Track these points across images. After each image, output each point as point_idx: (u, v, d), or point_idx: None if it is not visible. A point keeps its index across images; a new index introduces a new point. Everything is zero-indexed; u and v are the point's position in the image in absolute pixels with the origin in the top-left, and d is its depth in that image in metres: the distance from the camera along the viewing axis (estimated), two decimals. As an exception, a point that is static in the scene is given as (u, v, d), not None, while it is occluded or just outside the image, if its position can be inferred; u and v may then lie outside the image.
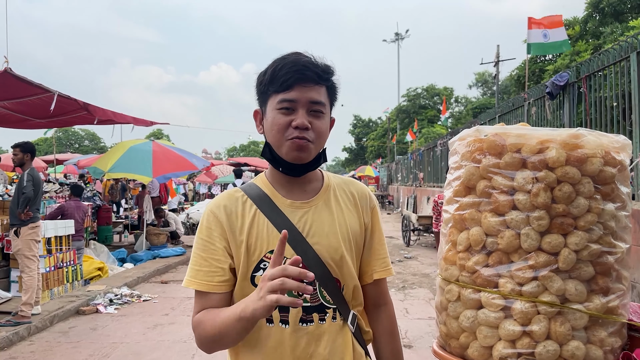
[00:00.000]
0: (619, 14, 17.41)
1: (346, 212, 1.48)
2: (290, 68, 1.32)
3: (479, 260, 1.20)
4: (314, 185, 1.48)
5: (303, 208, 1.42)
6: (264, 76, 1.38)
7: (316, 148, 1.38)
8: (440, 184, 16.67)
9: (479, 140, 1.25)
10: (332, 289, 1.40)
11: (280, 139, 1.35)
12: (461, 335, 1.22)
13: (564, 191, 1.13)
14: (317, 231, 1.40)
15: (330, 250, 1.40)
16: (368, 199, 1.55)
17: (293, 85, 1.32)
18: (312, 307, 1.38)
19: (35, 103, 6.91)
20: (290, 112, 1.33)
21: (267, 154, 1.42)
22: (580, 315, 1.12)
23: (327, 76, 1.38)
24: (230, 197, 1.44)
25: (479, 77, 55.74)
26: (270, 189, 1.44)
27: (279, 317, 1.37)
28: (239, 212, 1.40)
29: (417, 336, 5.65)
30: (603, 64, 6.61)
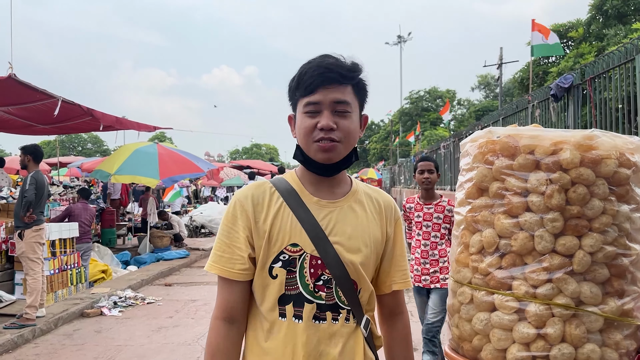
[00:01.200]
0: (623, 16, 17.37)
1: (370, 219, 1.49)
2: (313, 72, 1.36)
3: (492, 263, 1.19)
4: (342, 189, 1.50)
5: (328, 207, 1.44)
6: (292, 82, 1.42)
7: (345, 147, 1.40)
8: (443, 187, 16.64)
9: (491, 141, 1.25)
10: (349, 290, 1.40)
11: (308, 142, 1.38)
12: (474, 338, 1.21)
13: (579, 193, 1.13)
14: (340, 231, 1.41)
15: (351, 251, 1.40)
16: (393, 210, 1.57)
17: (316, 88, 1.35)
18: (326, 304, 1.39)
19: (40, 109, 6.92)
20: (315, 115, 1.36)
21: (299, 156, 1.45)
22: (596, 318, 1.11)
23: (352, 74, 1.39)
24: (259, 187, 1.46)
25: (481, 80, 55.71)
26: (298, 185, 1.46)
27: (292, 311, 1.37)
28: (266, 202, 1.43)
29: (420, 339, 5.62)
30: (608, 66, 6.59)
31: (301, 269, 1.38)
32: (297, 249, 1.38)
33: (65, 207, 9.02)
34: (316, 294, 1.38)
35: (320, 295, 1.38)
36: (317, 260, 1.38)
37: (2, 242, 7.04)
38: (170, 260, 10.77)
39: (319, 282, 1.38)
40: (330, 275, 1.38)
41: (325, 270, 1.38)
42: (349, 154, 1.44)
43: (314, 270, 1.38)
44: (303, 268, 1.38)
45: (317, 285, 1.38)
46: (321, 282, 1.38)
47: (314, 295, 1.38)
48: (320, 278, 1.38)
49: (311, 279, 1.38)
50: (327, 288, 1.39)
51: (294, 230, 1.38)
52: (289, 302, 1.38)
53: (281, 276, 1.37)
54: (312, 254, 1.38)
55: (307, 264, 1.38)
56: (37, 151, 6.19)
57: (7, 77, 5.65)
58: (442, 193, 5.18)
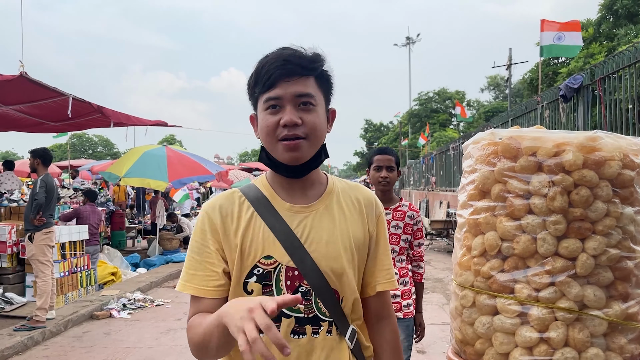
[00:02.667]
0: (633, 16, 17.23)
1: (349, 220, 1.39)
2: (271, 65, 1.26)
3: (495, 266, 1.18)
4: (317, 189, 1.40)
5: (303, 212, 1.35)
6: (250, 79, 1.33)
7: (312, 144, 1.30)
8: (453, 188, 16.58)
9: (493, 143, 1.23)
10: (330, 301, 1.32)
11: (272, 141, 1.29)
12: (477, 342, 1.20)
13: (582, 195, 1.11)
14: (316, 238, 1.32)
15: (330, 259, 1.32)
16: (374, 206, 1.47)
17: (276, 82, 1.25)
18: (305, 318, 1.31)
19: (51, 106, 6.99)
20: (277, 111, 1.27)
21: (265, 159, 1.36)
22: (599, 321, 1.10)
23: (314, 65, 1.30)
24: (228, 198, 1.38)
25: (490, 81, 55.45)
26: (269, 190, 1.37)
27: None
28: (235, 214, 1.34)
29: (431, 342, 5.60)
30: (618, 66, 6.54)
31: (277, 282, 1.30)
32: (271, 262, 1.30)
33: (73, 209, 9.08)
34: (294, 307, 1.30)
35: (299, 308, 1.30)
36: (293, 272, 1.30)
37: (13, 245, 7.10)
38: (180, 263, 10.79)
39: (296, 294, 1.28)
40: (308, 286, 1.30)
41: (302, 281, 1.30)
42: (318, 152, 1.34)
43: (291, 282, 1.30)
44: (279, 281, 1.30)
45: None
46: (299, 294, 1.25)
47: (291, 309, 1.30)
48: (298, 290, 1.30)
49: (288, 291, 1.30)
50: (306, 300, 1.30)
51: (267, 242, 1.30)
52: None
53: (257, 291, 1.29)
54: (288, 265, 1.30)
55: (282, 277, 1.30)
56: (45, 154, 6.24)
57: (18, 75, 5.71)
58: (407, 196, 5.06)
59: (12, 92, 6.40)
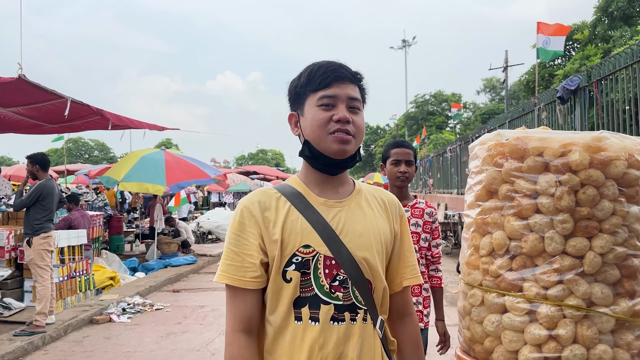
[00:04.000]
0: (628, 18, 17.33)
1: (378, 216, 1.48)
2: (327, 68, 1.38)
3: (503, 264, 1.20)
4: (347, 188, 1.50)
5: (336, 207, 1.43)
6: (298, 80, 1.43)
7: (356, 143, 1.41)
8: (451, 190, 16.61)
9: (500, 144, 1.25)
10: (364, 289, 1.39)
11: (322, 134, 1.37)
12: (485, 340, 1.22)
13: (588, 194, 1.13)
14: (350, 230, 1.40)
15: (364, 250, 1.39)
16: (397, 207, 1.56)
17: (331, 83, 1.37)
18: (344, 305, 1.36)
19: (49, 109, 7.00)
20: (330, 108, 1.37)
21: (306, 152, 1.44)
22: (607, 318, 1.12)
23: (360, 77, 1.45)
24: (264, 194, 1.45)
25: (487, 83, 55.61)
26: (303, 187, 1.45)
27: (309, 314, 1.35)
28: (273, 207, 1.41)
29: (431, 343, 5.59)
30: (614, 68, 6.58)
31: (315, 270, 1.36)
32: (309, 250, 1.36)
33: (62, 218, 8.96)
34: (333, 295, 1.36)
35: (338, 296, 1.36)
36: (331, 261, 1.37)
37: (11, 250, 7.08)
38: (178, 267, 10.78)
39: (334, 283, 1.36)
40: (345, 275, 1.37)
41: (340, 270, 1.37)
42: (355, 153, 1.44)
43: (329, 271, 1.36)
44: (317, 269, 1.36)
45: (333, 286, 1.36)
46: (337, 282, 1.36)
47: (330, 296, 1.36)
48: (336, 278, 1.37)
49: (326, 279, 1.36)
50: (344, 288, 1.37)
51: (305, 232, 1.37)
52: (305, 304, 1.35)
53: (295, 279, 1.35)
54: (326, 255, 1.36)
55: (321, 265, 1.36)
56: (44, 159, 6.24)
57: (17, 78, 5.71)
58: (421, 196, 5.03)
59: (11, 95, 6.41)
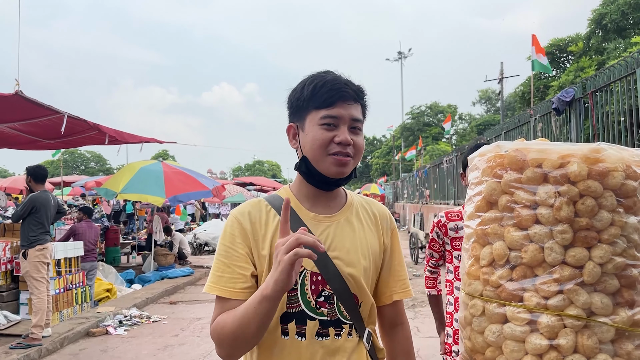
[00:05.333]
0: (622, 30, 17.51)
1: (367, 231, 1.50)
2: (332, 86, 1.36)
3: (503, 275, 1.21)
4: (338, 201, 1.50)
5: (325, 222, 1.44)
6: (301, 92, 1.40)
7: (354, 163, 1.42)
8: (447, 201, 16.64)
9: (499, 155, 1.27)
10: (350, 304, 1.40)
11: (321, 154, 1.37)
12: (487, 350, 1.22)
13: (587, 205, 1.14)
14: (338, 245, 1.41)
15: (350, 265, 1.41)
16: (388, 220, 1.58)
17: (336, 102, 1.36)
18: (328, 321, 1.38)
19: (46, 124, 6.98)
20: (332, 129, 1.36)
21: (303, 167, 1.43)
22: (607, 328, 1.12)
23: (363, 95, 1.44)
24: (255, 205, 1.45)
25: (482, 94, 55.94)
26: (294, 200, 1.45)
27: (295, 329, 1.36)
28: (263, 221, 1.41)
29: (429, 354, 5.59)
30: (609, 79, 6.64)
31: (302, 286, 1.37)
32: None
33: (69, 227, 9.01)
34: (318, 311, 1.38)
35: (322, 312, 1.38)
36: (317, 277, 1.38)
37: (7, 262, 7.05)
38: (175, 278, 10.76)
39: (320, 299, 1.38)
40: (331, 290, 1.38)
41: (326, 286, 1.38)
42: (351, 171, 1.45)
43: (315, 287, 1.38)
44: (304, 285, 1.37)
45: (318, 302, 1.38)
46: (322, 298, 1.38)
47: (315, 312, 1.38)
48: (322, 294, 1.38)
49: (312, 295, 1.38)
50: (329, 304, 1.39)
51: None
52: (291, 320, 1.37)
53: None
54: (312, 271, 1.37)
55: (307, 281, 1.37)
56: (36, 172, 6.19)
57: (13, 93, 5.71)
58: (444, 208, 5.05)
59: (7, 111, 6.38)
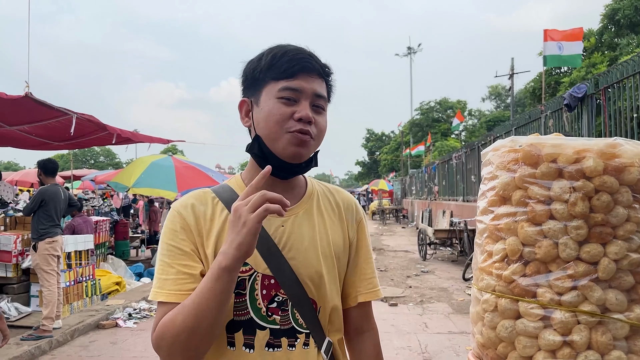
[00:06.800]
0: (635, 26, 17.33)
1: (329, 225, 1.32)
2: (293, 55, 1.20)
3: (516, 270, 1.20)
4: (297, 191, 1.33)
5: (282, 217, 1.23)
6: (258, 62, 1.23)
7: (315, 146, 1.26)
8: (456, 197, 16.59)
9: (513, 150, 1.26)
10: (307, 311, 1.24)
11: (278, 131, 1.19)
12: (499, 345, 1.22)
13: (603, 200, 1.13)
14: (295, 245, 1.24)
15: (309, 267, 1.24)
16: (354, 211, 1.40)
17: (297, 74, 1.19)
18: (280, 330, 1.22)
19: (55, 126, 6.96)
20: (292, 103, 1.19)
21: (256, 149, 1.24)
22: (622, 325, 1.12)
23: (328, 71, 1.27)
24: (199, 197, 1.26)
25: (492, 90, 55.66)
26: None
27: (242, 340, 1.20)
28: (208, 215, 1.23)
29: (438, 350, 5.59)
30: (622, 75, 6.58)
31: (252, 291, 1.20)
32: (246, 269, 1.20)
33: (66, 225, 8.97)
34: (269, 319, 1.21)
35: (274, 320, 1.21)
36: (269, 280, 1.21)
37: (18, 255, 7.12)
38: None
39: (272, 305, 1.21)
40: (285, 295, 1.22)
41: (279, 291, 1.21)
42: (310, 158, 1.27)
43: (267, 292, 1.21)
44: (254, 290, 1.20)
45: (270, 309, 1.21)
46: (275, 304, 1.21)
47: (266, 320, 1.21)
48: (274, 300, 1.21)
49: (263, 301, 1.21)
50: (282, 311, 1.22)
51: None
52: (238, 329, 1.20)
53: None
54: (264, 273, 1.21)
55: (258, 285, 1.20)
56: (46, 165, 6.26)
57: (23, 95, 5.73)
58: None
59: (17, 112, 6.37)
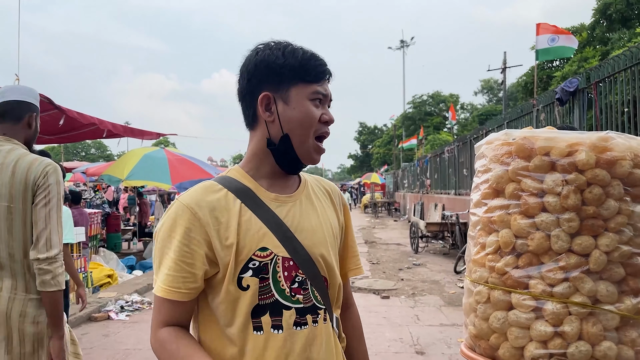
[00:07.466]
0: (627, 20, 17.41)
1: (327, 208, 1.44)
2: (318, 61, 1.29)
3: (509, 262, 1.21)
4: (294, 179, 1.42)
5: (288, 203, 1.33)
6: (284, 58, 1.26)
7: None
8: (448, 191, 16.65)
9: (507, 143, 1.27)
10: (322, 288, 1.33)
11: (308, 134, 1.28)
12: (491, 336, 1.23)
13: (594, 193, 1.15)
14: (305, 227, 1.32)
15: (319, 246, 1.33)
16: (340, 196, 1.53)
17: (323, 79, 1.30)
18: (305, 308, 1.28)
19: (45, 120, 6.88)
20: (318, 105, 1.30)
21: (281, 147, 1.29)
22: (612, 316, 1.13)
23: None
24: (209, 190, 1.28)
25: (484, 84, 55.80)
26: (251, 181, 1.32)
27: (270, 322, 1.24)
28: (223, 206, 1.25)
29: (429, 343, 5.63)
30: (613, 70, 6.61)
31: (274, 273, 1.25)
32: (267, 253, 1.25)
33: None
34: (293, 298, 1.27)
35: (298, 299, 1.27)
36: (289, 262, 1.27)
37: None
38: (176, 265, 10.77)
39: (294, 285, 1.27)
40: (304, 275, 1.29)
41: (298, 271, 1.28)
42: None
43: (288, 273, 1.26)
44: (276, 272, 1.25)
45: (293, 289, 1.27)
46: (296, 284, 1.27)
47: (291, 300, 1.26)
48: (295, 280, 1.28)
49: (286, 282, 1.26)
50: (304, 290, 1.29)
51: (260, 234, 1.24)
52: (265, 312, 1.24)
53: (253, 286, 1.23)
54: (283, 256, 1.26)
55: (280, 268, 1.26)
56: None
57: None
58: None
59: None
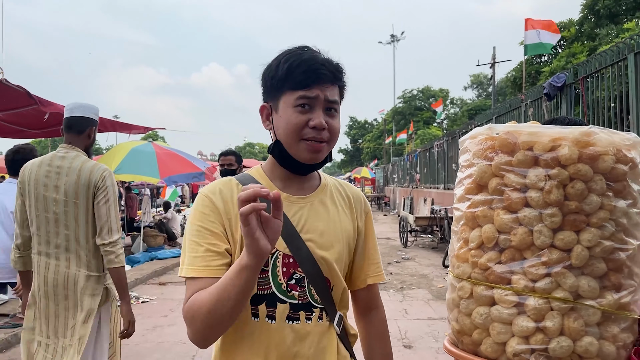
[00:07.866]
0: (614, 16, 17.51)
1: (341, 214, 1.47)
2: (309, 66, 1.30)
3: (492, 257, 1.21)
4: (312, 183, 1.47)
5: (299, 203, 1.40)
6: (276, 70, 1.34)
7: (329, 148, 1.39)
8: (437, 185, 16.71)
9: (490, 138, 1.26)
10: (322, 288, 1.38)
11: (294, 139, 1.32)
12: (474, 332, 1.23)
13: (577, 188, 1.14)
14: (312, 228, 1.38)
15: (323, 248, 1.38)
16: (363, 203, 1.56)
17: (312, 84, 1.30)
18: (299, 304, 1.36)
19: (30, 114, 6.75)
20: (306, 111, 1.31)
21: (276, 152, 1.38)
22: (594, 311, 1.13)
23: (341, 76, 1.38)
24: (226, 184, 1.39)
25: (474, 79, 55.98)
26: (266, 181, 1.41)
27: (265, 311, 1.33)
28: (235, 200, 1.33)
29: (417, 336, 5.66)
30: (600, 65, 6.65)
31: (274, 267, 1.34)
32: None
33: None
34: (289, 294, 1.35)
35: (293, 295, 1.35)
36: (289, 259, 1.35)
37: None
38: (164, 260, 10.75)
39: (291, 281, 1.35)
40: (302, 273, 1.35)
41: (297, 269, 1.35)
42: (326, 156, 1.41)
43: (287, 269, 1.35)
44: (276, 267, 1.34)
45: (289, 285, 1.35)
46: (294, 281, 1.35)
47: (286, 294, 1.34)
48: (293, 277, 1.35)
49: (284, 278, 1.35)
50: (300, 287, 1.36)
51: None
52: (262, 302, 1.33)
53: None
54: (285, 252, 1.34)
55: (279, 263, 1.34)
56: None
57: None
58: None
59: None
